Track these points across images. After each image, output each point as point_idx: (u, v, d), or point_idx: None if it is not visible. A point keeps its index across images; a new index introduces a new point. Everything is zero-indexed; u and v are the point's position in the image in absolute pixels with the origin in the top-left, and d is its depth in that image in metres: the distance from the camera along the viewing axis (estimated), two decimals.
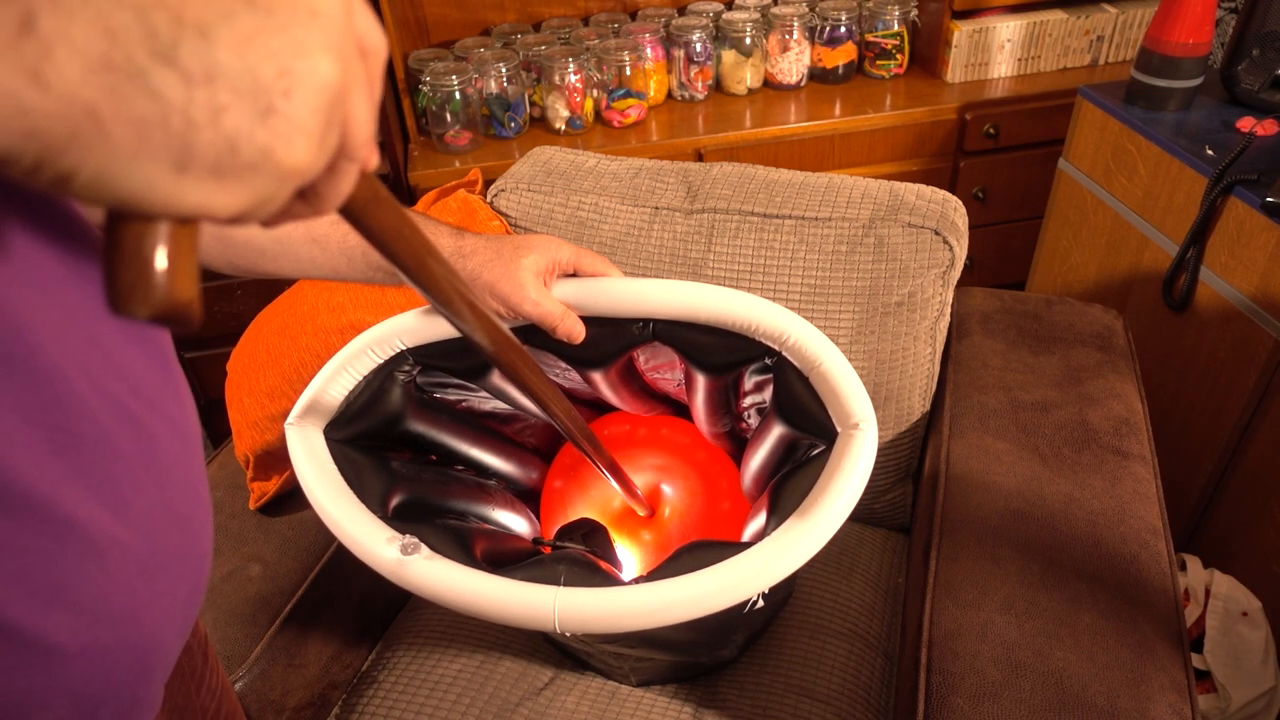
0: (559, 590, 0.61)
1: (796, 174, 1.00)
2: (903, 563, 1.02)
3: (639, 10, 1.89)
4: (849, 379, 0.69)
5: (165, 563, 0.40)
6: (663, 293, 0.76)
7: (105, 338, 0.36)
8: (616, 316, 0.77)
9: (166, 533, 0.40)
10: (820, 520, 0.61)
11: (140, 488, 0.38)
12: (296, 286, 1.05)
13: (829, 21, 1.79)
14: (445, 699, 0.87)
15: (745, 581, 0.60)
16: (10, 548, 0.32)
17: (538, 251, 0.74)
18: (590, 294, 0.77)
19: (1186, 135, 1.31)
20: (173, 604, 0.41)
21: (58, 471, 0.33)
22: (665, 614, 0.60)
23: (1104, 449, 0.88)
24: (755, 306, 0.73)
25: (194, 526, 0.42)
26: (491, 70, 1.69)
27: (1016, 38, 1.77)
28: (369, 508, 0.69)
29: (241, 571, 0.92)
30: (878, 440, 0.66)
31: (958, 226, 0.93)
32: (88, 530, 0.35)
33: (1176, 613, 0.73)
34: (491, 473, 0.91)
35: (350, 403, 0.77)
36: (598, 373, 0.81)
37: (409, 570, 0.64)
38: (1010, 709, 0.67)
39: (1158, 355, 1.38)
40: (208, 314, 1.72)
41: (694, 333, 0.76)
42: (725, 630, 0.82)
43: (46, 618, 0.34)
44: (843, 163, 1.76)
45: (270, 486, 0.99)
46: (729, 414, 0.86)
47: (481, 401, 0.88)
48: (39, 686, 0.35)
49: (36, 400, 0.32)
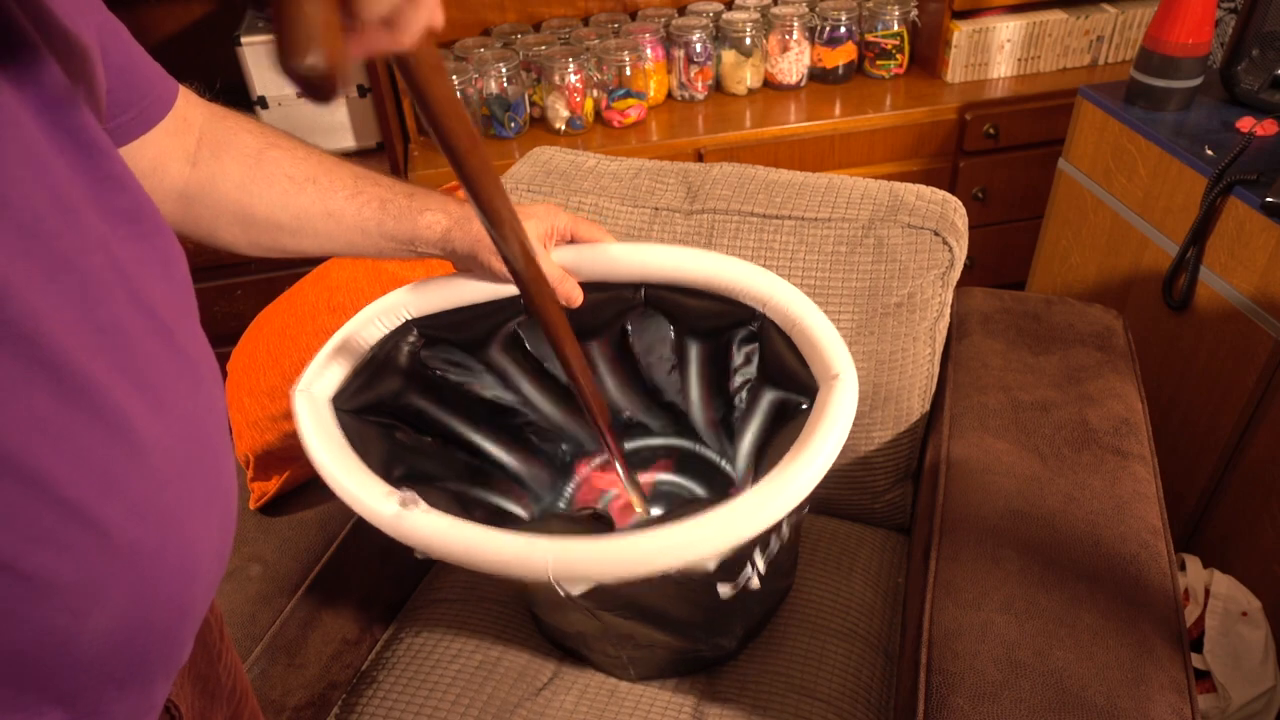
0: (553, 540, 0.61)
1: (796, 174, 1.00)
2: (903, 563, 1.02)
3: (639, 10, 1.89)
4: (828, 334, 0.71)
5: (199, 478, 0.44)
6: (654, 255, 0.79)
7: (129, 265, 0.41)
8: (611, 281, 0.80)
9: (199, 448, 0.44)
10: (805, 466, 0.62)
11: (175, 394, 0.42)
12: (297, 286, 1.05)
13: (829, 21, 1.79)
14: (444, 699, 0.87)
15: (733, 527, 0.61)
16: (72, 430, 0.36)
17: (536, 218, 0.76)
18: (586, 259, 0.79)
19: (1186, 135, 1.31)
20: (207, 527, 0.45)
21: (107, 362, 0.38)
22: (658, 559, 0.60)
23: (1104, 449, 0.88)
24: (739, 268, 0.77)
25: (220, 453, 0.47)
26: (491, 70, 1.70)
27: (1016, 38, 1.77)
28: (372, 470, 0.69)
29: (241, 571, 0.92)
30: (858, 389, 0.68)
31: (957, 227, 0.93)
32: (134, 425, 0.39)
33: (1176, 613, 0.73)
34: (492, 461, 0.91)
35: (356, 373, 0.77)
36: (595, 343, 0.84)
37: (406, 523, 0.64)
38: (1010, 709, 0.67)
39: (1158, 355, 1.38)
40: (208, 314, 1.72)
41: (683, 296, 0.79)
42: (723, 615, 0.82)
43: (102, 506, 0.38)
44: (843, 163, 1.76)
45: (270, 486, 0.99)
46: (722, 396, 0.87)
47: (483, 388, 0.89)
48: (99, 574, 0.38)
49: (84, 298, 0.37)
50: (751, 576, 0.76)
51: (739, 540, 0.61)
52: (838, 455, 0.64)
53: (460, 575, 1.04)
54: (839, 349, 0.70)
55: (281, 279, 1.64)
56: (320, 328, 0.96)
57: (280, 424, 0.96)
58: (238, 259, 1.67)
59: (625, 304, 0.81)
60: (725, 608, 0.80)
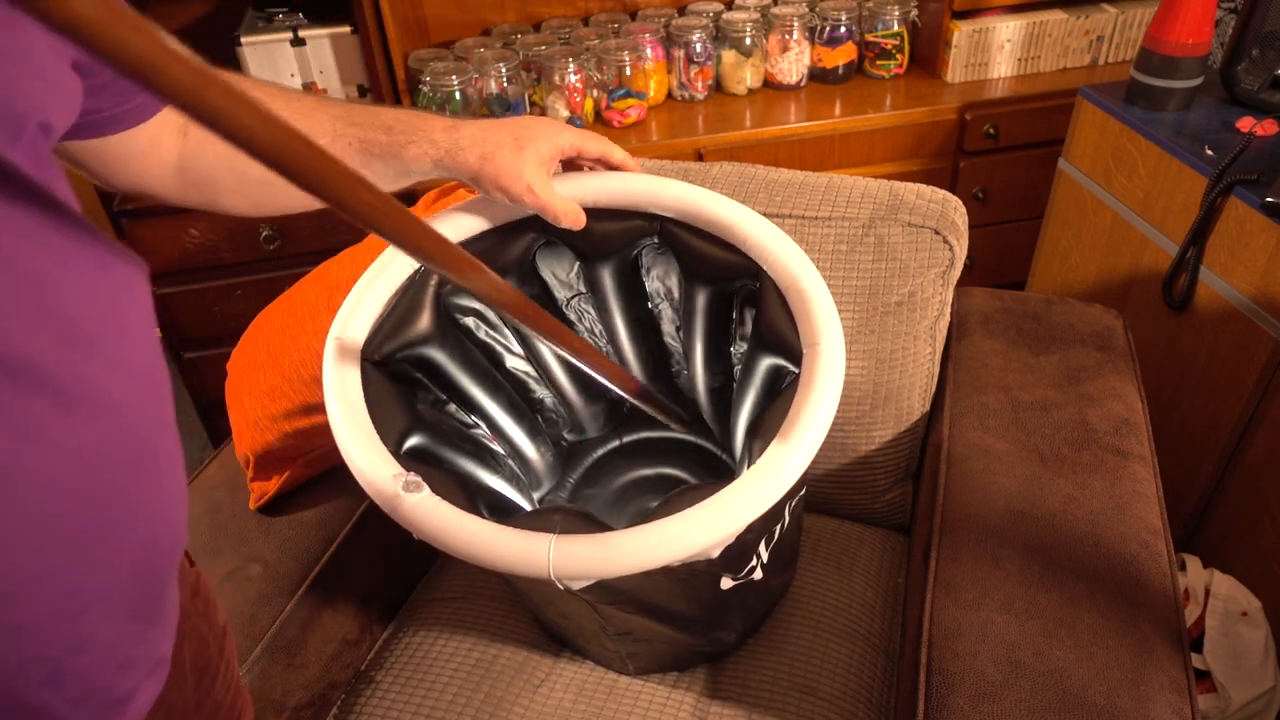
0: (554, 538, 0.61)
1: (796, 174, 1.00)
2: (903, 563, 1.02)
3: (639, 10, 1.89)
4: (820, 298, 0.71)
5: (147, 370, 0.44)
6: (670, 188, 0.79)
7: None
8: (628, 209, 0.80)
9: (146, 336, 0.44)
10: (798, 442, 0.63)
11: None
12: (297, 286, 1.05)
13: (829, 21, 1.79)
14: (442, 698, 0.87)
15: (727, 518, 0.61)
16: (31, 274, 0.37)
17: (539, 140, 0.74)
18: (606, 189, 0.79)
19: (1186, 135, 1.31)
20: (159, 427, 0.45)
21: None
22: (658, 554, 0.60)
23: (1104, 449, 0.88)
24: (750, 219, 0.77)
25: (158, 365, 0.46)
26: (491, 70, 1.70)
27: (1016, 38, 1.77)
28: (385, 441, 0.69)
29: (241, 571, 0.92)
30: (844, 357, 0.68)
31: (957, 226, 0.93)
32: None
33: (1176, 613, 0.73)
34: (503, 435, 0.91)
35: (385, 317, 0.77)
36: (606, 270, 0.85)
37: (405, 506, 0.64)
38: (1010, 709, 0.67)
39: (1157, 355, 1.38)
40: (209, 314, 1.72)
41: (694, 238, 0.79)
42: (723, 608, 0.82)
43: (66, 360, 0.38)
44: (843, 163, 1.76)
45: (270, 486, 0.99)
46: (721, 360, 0.89)
47: (504, 353, 0.90)
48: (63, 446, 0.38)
49: None
50: (755, 567, 0.76)
51: (737, 529, 0.61)
52: (828, 429, 0.65)
53: (460, 573, 1.04)
54: (828, 314, 0.70)
55: (281, 279, 1.64)
56: (320, 328, 0.96)
57: (280, 424, 0.96)
58: (238, 259, 1.68)
59: (641, 231, 0.81)
60: (725, 601, 0.80)
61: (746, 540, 0.68)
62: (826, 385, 0.65)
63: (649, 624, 0.79)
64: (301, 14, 1.75)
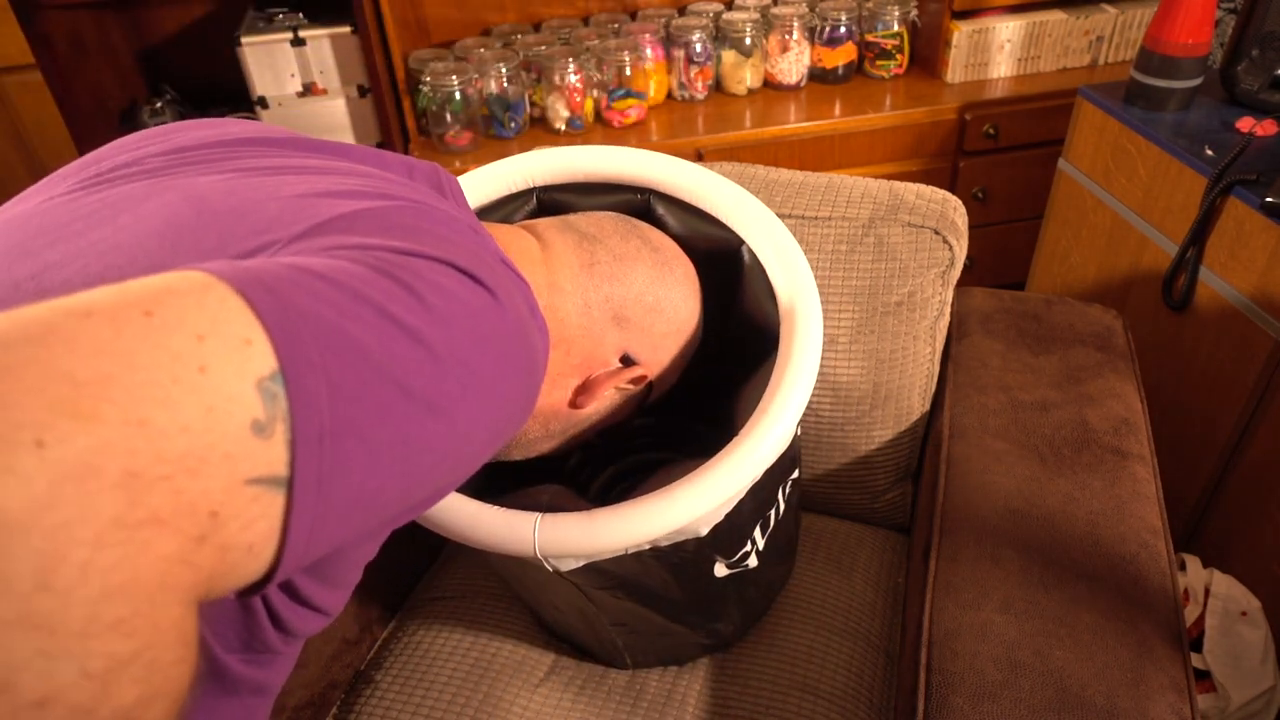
0: (540, 516, 0.61)
1: (796, 174, 1.00)
2: (903, 563, 1.02)
3: (639, 10, 1.89)
4: (796, 265, 0.72)
5: None
6: (655, 160, 0.82)
7: None
8: (619, 183, 0.82)
9: None
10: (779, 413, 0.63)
11: None
12: None
13: (829, 22, 1.79)
14: (441, 697, 0.87)
15: (712, 492, 0.61)
16: None
17: None
18: (602, 160, 0.82)
19: (1186, 135, 1.31)
20: None
21: None
22: (645, 530, 0.60)
23: (1103, 449, 0.88)
24: (725, 187, 0.79)
25: None
26: (491, 70, 1.70)
27: (1016, 38, 1.77)
28: None
29: None
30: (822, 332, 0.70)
31: (957, 226, 0.93)
32: None
33: (1176, 613, 0.73)
34: None
35: None
36: None
37: None
38: (1010, 709, 0.67)
39: (1157, 355, 1.38)
40: None
41: (681, 210, 0.81)
42: (720, 598, 0.82)
43: None
44: (842, 163, 1.76)
45: None
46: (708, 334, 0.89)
47: None
48: None
49: None
50: (750, 554, 0.75)
51: (722, 502, 0.61)
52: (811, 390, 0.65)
53: (459, 572, 1.04)
54: (804, 282, 0.70)
55: None
56: None
57: None
58: None
59: (628, 206, 0.83)
60: (721, 590, 0.80)
61: (737, 522, 0.68)
62: (804, 355, 0.65)
63: (643, 611, 0.79)
64: (301, 14, 1.75)
